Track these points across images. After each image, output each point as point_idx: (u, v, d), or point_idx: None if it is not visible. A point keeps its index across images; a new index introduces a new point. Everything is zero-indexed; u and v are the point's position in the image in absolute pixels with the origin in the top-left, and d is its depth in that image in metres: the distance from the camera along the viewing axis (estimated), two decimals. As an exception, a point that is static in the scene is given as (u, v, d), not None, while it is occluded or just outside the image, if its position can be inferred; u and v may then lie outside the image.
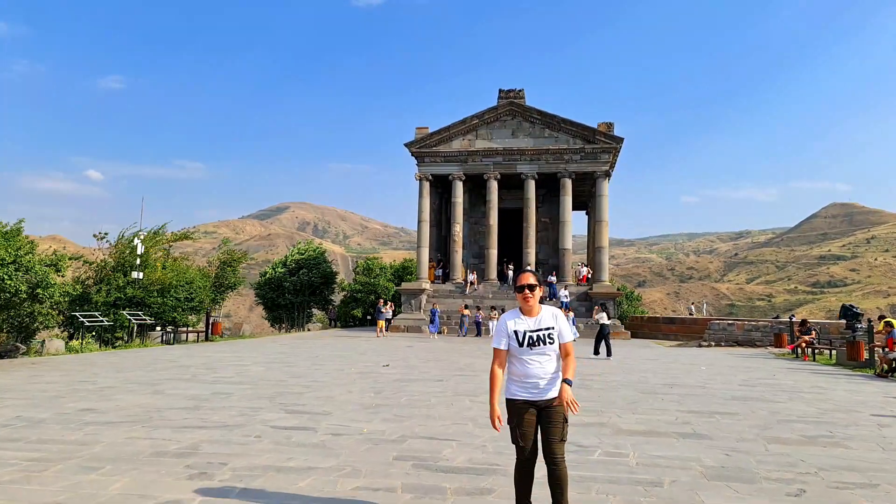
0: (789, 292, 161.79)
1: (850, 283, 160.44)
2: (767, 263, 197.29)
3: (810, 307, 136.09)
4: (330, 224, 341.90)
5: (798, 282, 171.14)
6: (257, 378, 11.22)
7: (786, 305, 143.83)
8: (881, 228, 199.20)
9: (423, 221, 35.34)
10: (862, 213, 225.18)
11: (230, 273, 30.84)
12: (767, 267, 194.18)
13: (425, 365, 14.55)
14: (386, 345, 21.84)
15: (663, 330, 33.52)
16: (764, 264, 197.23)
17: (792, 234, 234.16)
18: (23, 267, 13.20)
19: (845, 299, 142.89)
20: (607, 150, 34.09)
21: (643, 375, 13.20)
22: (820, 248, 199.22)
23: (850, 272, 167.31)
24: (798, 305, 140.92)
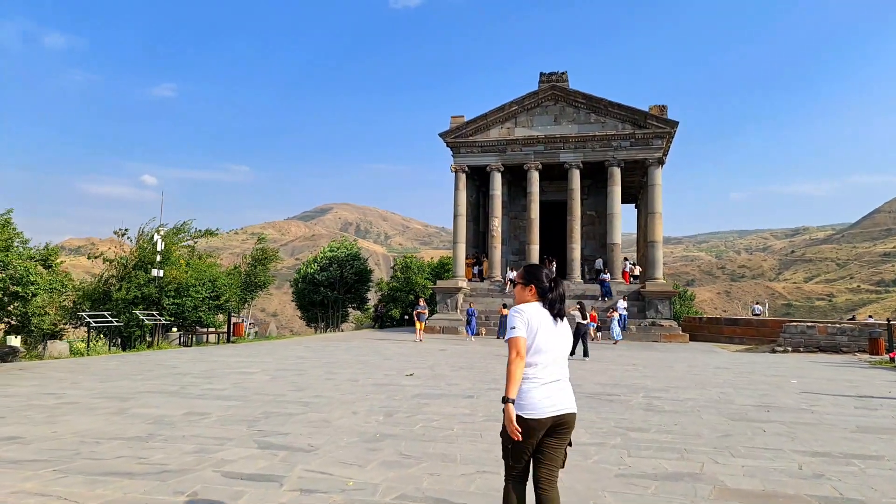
0: (851, 291, 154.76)
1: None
2: (827, 261, 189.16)
3: (874, 307, 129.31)
4: (372, 224, 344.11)
5: (861, 280, 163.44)
6: (253, 391, 9.40)
7: (848, 305, 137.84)
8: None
9: (459, 216, 33.29)
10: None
11: (261, 271, 29.38)
12: (827, 265, 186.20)
13: (455, 374, 12.52)
14: (416, 349, 19.89)
15: (726, 332, 30.56)
16: (823, 262, 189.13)
17: (853, 231, 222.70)
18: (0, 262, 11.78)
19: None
20: (660, 136, 31.32)
21: (723, 391, 10.83)
22: (884, 244, 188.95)
23: None
24: (861, 305, 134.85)
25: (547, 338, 3.14)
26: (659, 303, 30.18)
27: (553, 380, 3.12)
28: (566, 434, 3.16)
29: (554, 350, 3.16)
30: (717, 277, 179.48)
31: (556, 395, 3.11)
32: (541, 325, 3.15)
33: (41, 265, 13.63)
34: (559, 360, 3.19)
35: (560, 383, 3.16)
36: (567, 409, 3.13)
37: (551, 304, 3.28)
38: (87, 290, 20.71)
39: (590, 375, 12.95)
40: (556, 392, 3.11)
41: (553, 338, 3.17)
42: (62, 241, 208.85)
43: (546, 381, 3.10)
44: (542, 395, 3.06)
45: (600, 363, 16.25)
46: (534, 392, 3.06)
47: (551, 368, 3.14)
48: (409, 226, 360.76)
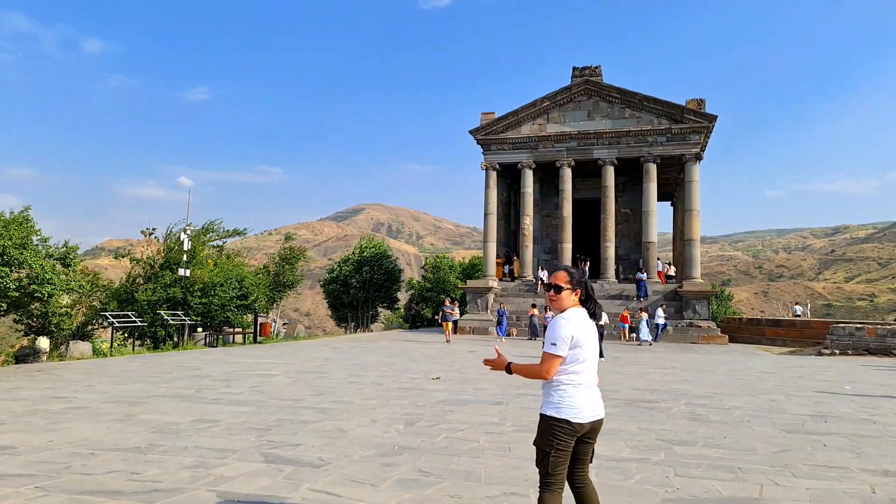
0: (894, 291, 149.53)
1: None
2: (869, 260, 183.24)
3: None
4: (403, 224, 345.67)
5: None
6: (270, 396, 8.98)
7: (890, 306, 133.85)
8: None
9: (489, 214, 32.64)
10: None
11: (288, 271, 29.17)
12: (869, 264, 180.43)
13: (484, 378, 11.93)
14: (444, 350, 19.35)
15: (767, 334, 29.26)
16: (865, 261, 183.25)
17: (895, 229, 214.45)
18: (15, 261, 11.64)
19: None
20: (698, 130, 30.16)
21: (772, 399, 9.99)
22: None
23: None
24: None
25: (589, 345, 3.16)
26: (696, 303, 29.04)
27: (592, 385, 3.19)
28: (595, 438, 3.25)
29: (593, 357, 3.19)
30: (755, 277, 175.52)
31: (595, 400, 3.18)
32: (586, 334, 3.16)
33: (60, 264, 13.51)
34: (595, 365, 3.23)
35: (595, 389, 3.22)
36: (601, 414, 3.22)
37: (592, 310, 3.32)
38: (115, 290, 20.74)
39: (626, 380, 12.22)
40: (595, 397, 3.19)
41: (593, 344, 3.19)
42: (102, 243, 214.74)
43: (588, 386, 3.15)
44: (584, 399, 3.11)
45: (637, 366, 15.46)
46: (578, 397, 3.10)
47: (590, 375, 3.18)
48: (441, 226, 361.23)
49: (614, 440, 6.40)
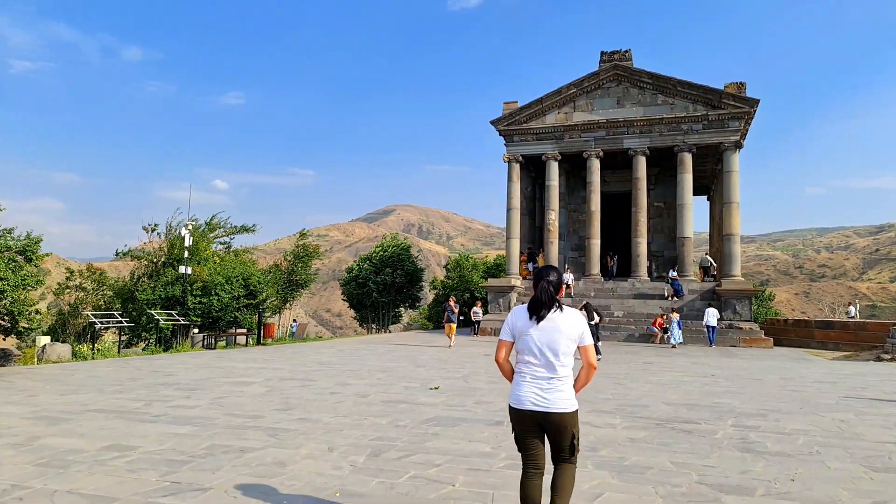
0: None
1: None
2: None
3: None
4: (434, 225, 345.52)
5: None
6: (227, 411, 7.55)
7: None
8: None
9: (512, 209, 30.92)
10: None
11: (301, 269, 27.82)
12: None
13: (491, 388, 10.34)
14: (457, 354, 17.77)
15: (817, 337, 26.84)
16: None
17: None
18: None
19: None
20: (737, 117, 27.92)
21: (841, 419, 8.15)
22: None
23: None
24: None
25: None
26: (737, 303, 26.84)
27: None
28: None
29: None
30: (795, 277, 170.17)
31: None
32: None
33: (22, 258, 12.40)
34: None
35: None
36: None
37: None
38: (118, 289, 19.76)
39: (658, 391, 10.47)
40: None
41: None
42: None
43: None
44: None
45: (670, 373, 13.64)
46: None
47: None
48: (471, 226, 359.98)
49: (640, 482, 4.75)
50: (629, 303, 27.83)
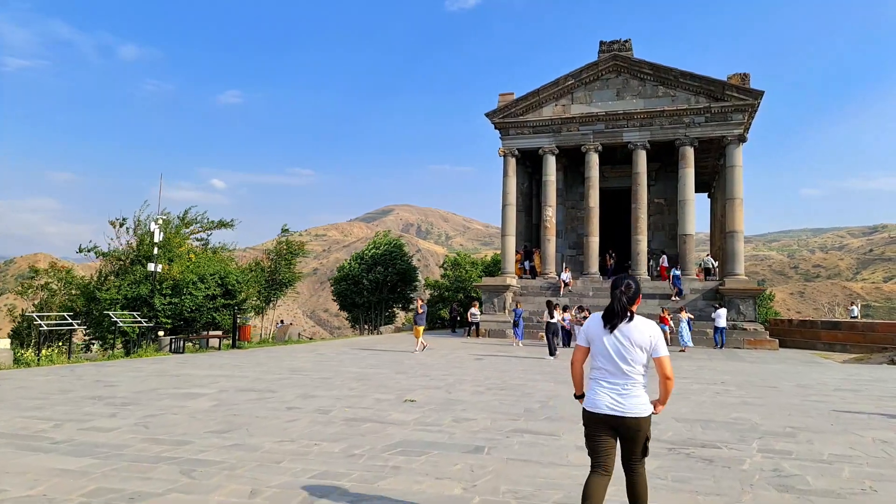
0: None
1: None
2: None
3: None
4: (433, 225, 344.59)
5: None
6: (151, 434, 6.28)
7: None
8: None
9: (508, 205, 29.67)
10: None
11: (284, 268, 26.46)
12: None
13: (476, 400, 9.08)
14: (446, 359, 16.52)
15: (823, 338, 25.67)
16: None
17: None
18: None
19: None
20: (741, 109, 26.70)
21: (880, 441, 6.90)
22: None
23: None
24: None
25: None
26: (741, 302, 25.64)
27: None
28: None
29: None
30: (790, 277, 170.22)
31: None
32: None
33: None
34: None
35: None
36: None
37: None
38: (82, 288, 18.46)
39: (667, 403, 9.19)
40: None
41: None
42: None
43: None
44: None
45: (678, 380, 12.38)
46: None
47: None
48: (470, 226, 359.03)
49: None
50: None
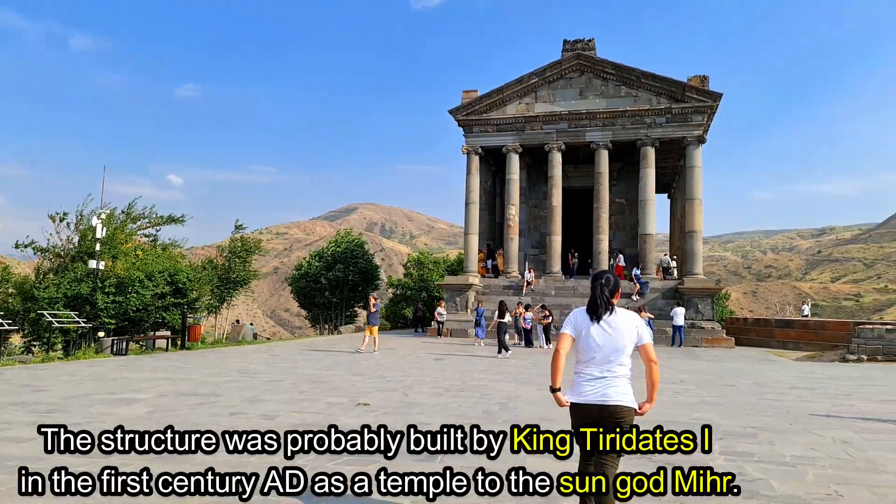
0: (879, 291, 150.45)
1: None
2: (854, 261, 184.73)
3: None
4: (397, 224, 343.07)
5: (889, 280, 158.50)
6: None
7: (875, 306, 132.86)
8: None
9: (471, 203, 29.43)
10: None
11: (238, 266, 25.54)
12: (854, 265, 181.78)
13: (434, 401, 8.74)
14: (407, 359, 16.14)
15: (777, 336, 26.24)
16: (850, 262, 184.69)
17: (881, 230, 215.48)
18: None
19: None
20: (701, 110, 27.07)
21: (840, 441, 6.82)
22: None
23: None
24: (889, 306, 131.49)
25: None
26: (700, 301, 25.98)
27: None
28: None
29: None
30: (744, 277, 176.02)
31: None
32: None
33: None
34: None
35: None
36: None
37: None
38: (19, 285, 17.40)
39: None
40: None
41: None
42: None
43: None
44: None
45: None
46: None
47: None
48: (435, 225, 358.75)
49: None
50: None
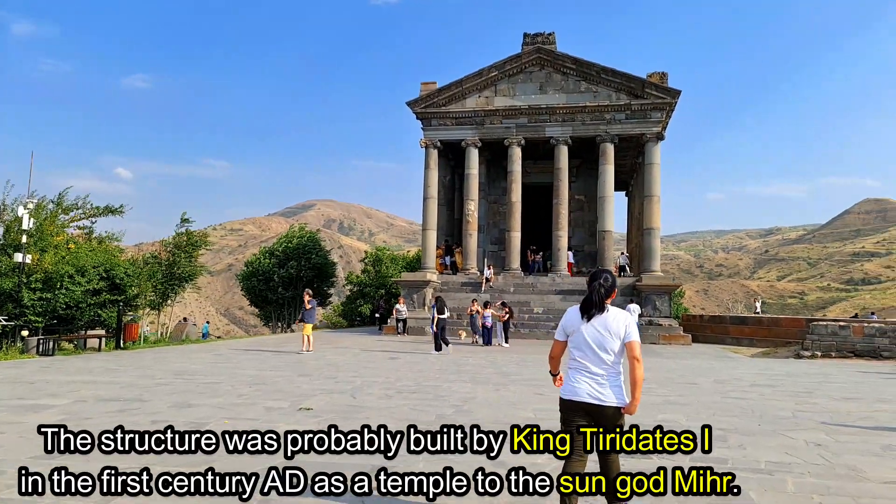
0: (822, 290, 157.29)
1: (886, 281, 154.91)
2: (799, 260, 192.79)
3: (844, 305, 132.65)
4: (356, 221, 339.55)
5: (831, 279, 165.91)
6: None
7: (818, 303, 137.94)
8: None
9: (429, 198, 28.77)
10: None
11: (184, 261, 24.21)
12: (799, 264, 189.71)
13: (384, 404, 8.07)
14: (357, 358, 15.40)
15: (732, 332, 26.48)
16: (795, 261, 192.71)
17: (824, 231, 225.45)
18: None
19: (880, 297, 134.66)
20: (660, 107, 27.09)
21: (813, 443, 6.47)
22: (853, 244, 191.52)
23: (886, 269, 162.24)
24: (831, 303, 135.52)
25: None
26: (657, 298, 25.99)
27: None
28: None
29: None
30: (696, 276, 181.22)
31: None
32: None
33: None
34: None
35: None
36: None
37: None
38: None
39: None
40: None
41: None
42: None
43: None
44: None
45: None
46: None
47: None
48: (394, 223, 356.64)
49: None
50: (550, 299, 26.39)
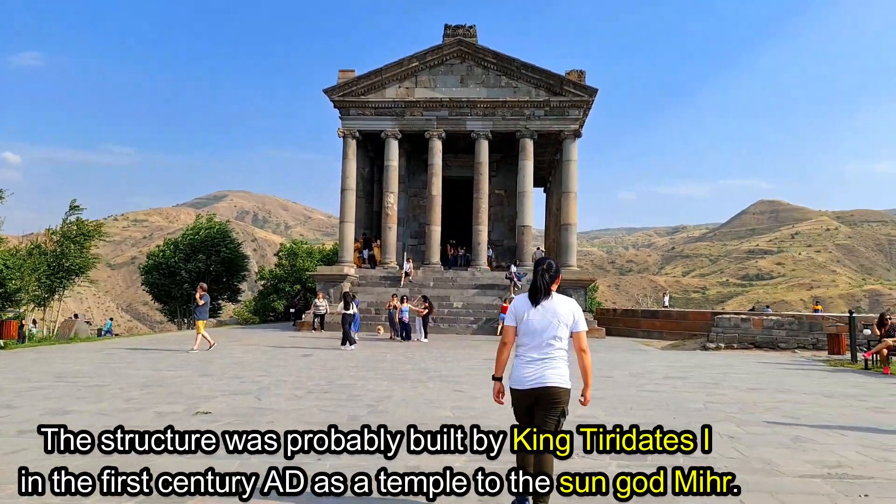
0: (722, 285, 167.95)
1: (777, 277, 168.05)
2: (702, 257, 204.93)
3: (740, 299, 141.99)
4: (271, 213, 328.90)
5: (729, 275, 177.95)
6: None
7: (718, 298, 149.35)
8: (804, 225, 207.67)
9: (347, 190, 27.95)
10: (787, 209, 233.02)
11: (74, 252, 22.06)
12: (701, 261, 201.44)
13: (292, 406, 7.46)
14: (267, 356, 14.54)
15: (643, 326, 27.48)
16: (698, 258, 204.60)
17: (724, 230, 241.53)
18: None
19: (772, 292, 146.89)
20: (578, 105, 27.65)
21: (726, 436, 6.51)
22: (749, 242, 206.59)
23: (777, 266, 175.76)
24: (730, 298, 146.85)
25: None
26: (574, 293, 26.43)
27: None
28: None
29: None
30: (608, 271, 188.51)
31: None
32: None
33: None
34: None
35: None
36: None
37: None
38: None
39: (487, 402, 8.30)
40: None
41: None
42: None
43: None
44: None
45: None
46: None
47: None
48: (312, 216, 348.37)
49: None
50: (469, 293, 26.33)
